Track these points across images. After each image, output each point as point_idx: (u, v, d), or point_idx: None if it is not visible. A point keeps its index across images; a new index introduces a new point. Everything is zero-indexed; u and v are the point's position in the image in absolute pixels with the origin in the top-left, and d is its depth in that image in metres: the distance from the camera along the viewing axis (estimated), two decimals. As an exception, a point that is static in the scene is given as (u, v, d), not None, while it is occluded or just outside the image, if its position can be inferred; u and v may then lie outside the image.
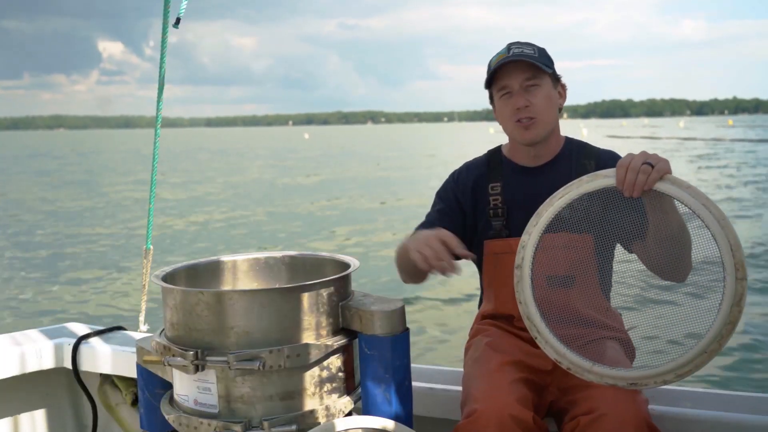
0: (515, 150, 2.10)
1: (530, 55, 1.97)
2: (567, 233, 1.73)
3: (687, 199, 1.60)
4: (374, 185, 24.81)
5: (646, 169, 1.62)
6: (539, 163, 2.06)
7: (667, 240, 1.69)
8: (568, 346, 1.71)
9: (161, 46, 2.42)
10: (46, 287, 10.47)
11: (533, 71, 1.98)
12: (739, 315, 1.57)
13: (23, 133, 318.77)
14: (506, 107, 2.01)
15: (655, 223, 1.69)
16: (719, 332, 1.58)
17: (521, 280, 1.74)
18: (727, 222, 1.57)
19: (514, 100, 1.98)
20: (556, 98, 2.03)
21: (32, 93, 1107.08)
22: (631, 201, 1.66)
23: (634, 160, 1.64)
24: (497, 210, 2.04)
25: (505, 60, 1.96)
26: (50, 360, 2.56)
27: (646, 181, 1.62)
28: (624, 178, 1.63)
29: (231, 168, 37.13)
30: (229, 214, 18.26)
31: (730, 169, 26.99)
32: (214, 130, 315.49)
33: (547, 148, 2.05)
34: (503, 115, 2.03)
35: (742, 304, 1.56)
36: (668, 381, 1.64)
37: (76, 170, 39.19)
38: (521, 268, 1.74)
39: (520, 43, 2.02)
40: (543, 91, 1.99)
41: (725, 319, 1.57)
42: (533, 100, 1.97)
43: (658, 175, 1.62)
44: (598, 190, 1.68)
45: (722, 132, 71.98)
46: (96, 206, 20.66)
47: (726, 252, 1.56)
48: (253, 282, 2.03)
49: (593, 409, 1.69)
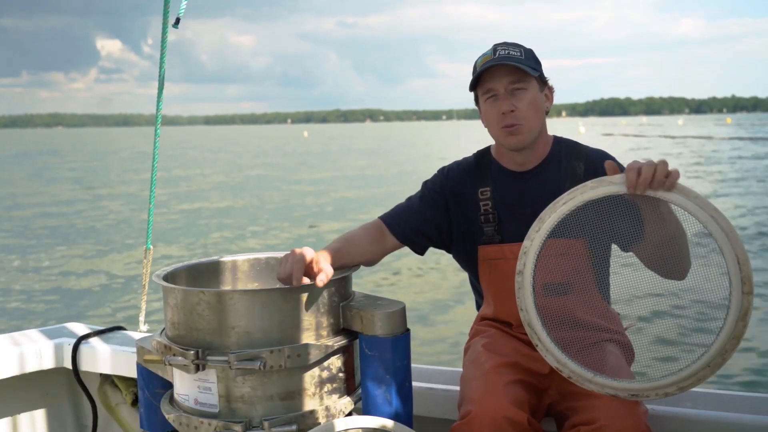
0: (502, 154, 2.06)
1: (516, 58, 1.93)
2: (561, 239, 1.70)
3: (695, 210, 1.56)
4: (376, 184, 24.82)
5: (663, 169, 1.58)
6: (527, 167, 2.03)
7: (665, 242, 1.68)
8: (569, 354, 1.69)
9: (161, 46, 2.42)
10: (46, 286, 10.47)
11: (519, 74, 1.93)
12: (744, 329, 1.55)
13: (21, 131, 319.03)
14: (491, 111, 1.97)
15: (653, 228, 1.67)
16: (723, 346, 1.56)
17: (522, 287, 1.71)
18: (735, 234, 1.54)
19: (500, 104, 1.94)
20: (542, 102, 1.99)
21: (30, 91, 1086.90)
22: (628, 206, 1.64)
23: (646, 164, 1.61)
24: (488, 216, 2.01)
25: (490, 63, 1.93)
26: (50, 360, 2.56)
27: (664, 182, 1.58)
28: (636, 180, 1.59)
29: (233, 166, 37.16)
30: (227, 204, 18.28)
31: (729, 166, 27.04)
32: (213, 128, 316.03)
33: (534, 152, 2.01)
34: (488, 118, 1.99)
35: (747, 318, 1.54)
36: (669, 393, 1.63)
37: (76, 168, 39.21)
38: (522, 275, 1.71)
39: (506, 44, 1.99)
40: (529, 95, 1.95)
41: (730, 334, 1.55)
42: (519, 104, 1.93)
43: (675, 179, 1.58)
44: (603, 198, 1.65)
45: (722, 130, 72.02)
46: (96, 206, 20.66)
47: (733, 265, 1.53)
48: (253, 282, 2.03)
49: (593, 419, 1.69)
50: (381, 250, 2.04)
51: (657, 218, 1.65)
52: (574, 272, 1.78)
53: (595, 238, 1.69)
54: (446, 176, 2.11)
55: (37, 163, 45.71)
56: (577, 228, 1.68)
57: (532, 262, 1.70)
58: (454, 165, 2.14)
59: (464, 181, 2.07)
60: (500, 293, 2.00)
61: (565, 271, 1.77)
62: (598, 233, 1.68)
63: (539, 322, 1.70)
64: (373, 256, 2.02)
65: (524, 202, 1.97)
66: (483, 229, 2.01)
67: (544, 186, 1.97)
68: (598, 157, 1.98)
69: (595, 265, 1.80)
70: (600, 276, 1.84)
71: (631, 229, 1.67)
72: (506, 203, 2.01)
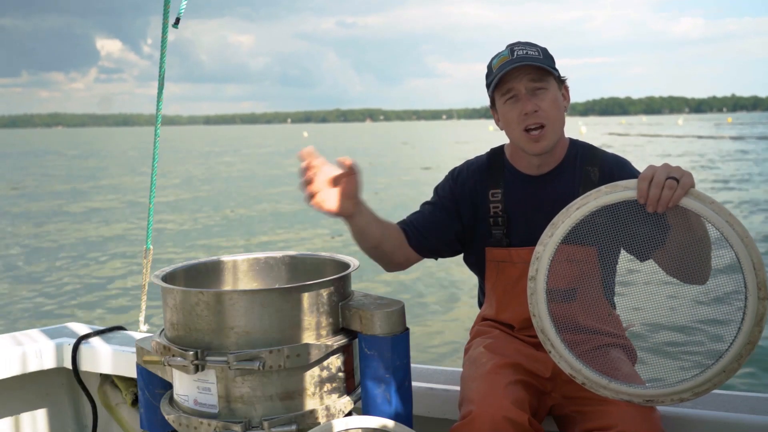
0: (518, 156, 2.01)
1: (536, 57, 1.89)
2: (571, 245, 1.68)
3: (710, 215, 1.55)
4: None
5: (671, 184, 1.55)
6: (543, 171, 1.99)
7: (690, 248, 1.64)
8: (583, 361, 1.68)
9: (161, 46, 2.41)
10: (46, 286, 10.47)
11: (540, 73, 1.89)
12: (760, 335, 1.54)
13: (21, 131, 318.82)
14: (512, 112, 1.91)
15: (679, 235, 1.63)
16: (739, 352, 1.55)
17: (535, 293, 1.69)
18: (751, 240, 1.53)
19: (522, 105, 1.89)
20: (562, 101, 1.95)
21: (30, 91, 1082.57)
22: (649, 213, 1.60)
23: (658, 173, 1.57)
24: (497, 218, 1.98)
25: (509, 64, 1.88)
26: (50, 360, 2.56)
27: (671, 198, 1.55)
28: (647, 193, 1.56)
29: (235, 166, 37.17)
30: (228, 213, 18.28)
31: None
32: (212, 128, 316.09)
33: (552, 156, 1.97)
34: (509, 120, 1.93)
35: (763, 323, 1.53)
36: (685, 399, 1.62)
37: (77, 167, 39.22)
38: (536, 281, 1.69)
39: (522, 44, 1.94)
40: (550, 94, 1.90)
41: (746, 339, 1.54)
42: (542, 104, 1.88)
43: (683, 191, 1.55)
44: (617, 203, 1.62)
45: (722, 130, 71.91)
46: (96, 206, 20.66)
47: (749, 271, 1.52)
48: (253, 282, 2.03)
49: (609, 426, 1.68)
50: (402, 254, 2.02)
51: (683, 224, 1.61)
52: (580, 279, 1.76)
53: (606, 245, 1.67)
54: (456, 180, 2.08)
55: (37, 162, 45.72)
56: (589, 234, 1.66)
57: (545, 268, 1.68)
58: (465, 166, 2.10)
59: (475, 181, 2.04)
60: (504, 296, 1.99)
61: (572, 278, 1.75)
62: (611, 239, 1.65)
63: (553, 329, 1.69)
64: (394, 252, 2.00)
65: (536, 207, 1.94)
66: (491, 231, 1.99)
67: (557, 191, 1.94)
68: (614, 163, 1.96)
69: (603, 271, 1.78)
70: (606, 281, 1.82)
71: (651, 235, 1.64)
72: (517, 207, 1.98)
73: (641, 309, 1.78)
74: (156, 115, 2.49)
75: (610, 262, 1.78)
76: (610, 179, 1.81)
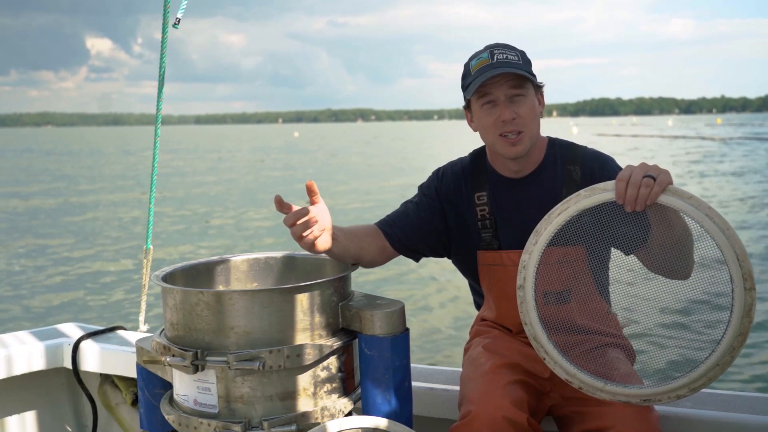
0: (497, 160, 2.00)
1: (516, 63, 1.87)
2: (559, 247, 1.68)
3: (690, 210, 1.56)
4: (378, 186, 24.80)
5: (648, 183, 1.56)
6: (523, 174, 1.98)
7: (671, 245, 1.65)
8: (577, 365, 1.68)
9: (161, 47, 2.41)
10: (46, 287, 10.47)
11: (519, 80, 1.86)
12: (750, 325, 1.54)
13: (10, 131, 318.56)
14: (489, 117, 1.89)
15: (659, 232, 1.64)
16: (731, 344, 1.55)
17: (525, 302, 1.69)
18: (732, 231, 1.53)
19: (500, 112, 1.87)
20: (538, 106, 1.94)
21: (19, 90, 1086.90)
22: (630, 212, 1.61)
23: (634, 173, 1.58)
24: (485, 221, 1.98)
25: (489, 68, 1.85)
26: (50, 360, 2.56)
27: (648, 196, 1.56)
28: (624, 193, 1.57)
29: (228, 167, 37.17)
30: (229, 214, 18.28)
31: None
32: (204, 128, 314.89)
33: (529, 159, 1.96)
34: (484, 124, 1.91)
35: (752, 314, 1.54)
36: (681, 395, 1.63)
37: (72, 166, 39.20)
38: (524, 289, 1.69)
39: (501, 47, 1.91)
40: (528, 101, 1.88)
41: (736, 331, 1.54)
42: (519, 111, 1.86)
43: (660, 189, 1.56)
44: (597, 206, 1.63)
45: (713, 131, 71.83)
46: (95, 206, 20.66)
47: (733, 262, 1.53)
48: (253, 282, 2.03)
49: (607, 426, 1.69)
50: (383, 257, 2.00)
51: (663, 221, 1.63)
52: (573, 279, 1.76)
53: (593, 244, 1.68)
54: (440, 179, 2.07)
55: (32, 162, 45.70)
56: (575, 235, 1.67)
57: (532, 276, 1.68)
58: (449, 166, 2.09)
59: (459, 183, 2.03)
60: (501, 299, 1.99)
61: (565, 279, 1.75)
62: (597, 239, 1.67)
63: (545, 336, 1.69)
64: (375, 259, 1.98)
65: (520, 210, 1.95)
66: (480, 235, 1.99)
67: (540, 193, 1.94)
68: (595, 160, 1.95)
69: (594, 270, 1.78)
70: (599, 280, 1.82)
71: (633, 234, 1.65)
72: (502, 210, 1.98)
73: (630, 309, 1.79)
74: (156, 115, 2.49)
75: (600, 259, 1.78)
76: (592, 177, 1.80)
